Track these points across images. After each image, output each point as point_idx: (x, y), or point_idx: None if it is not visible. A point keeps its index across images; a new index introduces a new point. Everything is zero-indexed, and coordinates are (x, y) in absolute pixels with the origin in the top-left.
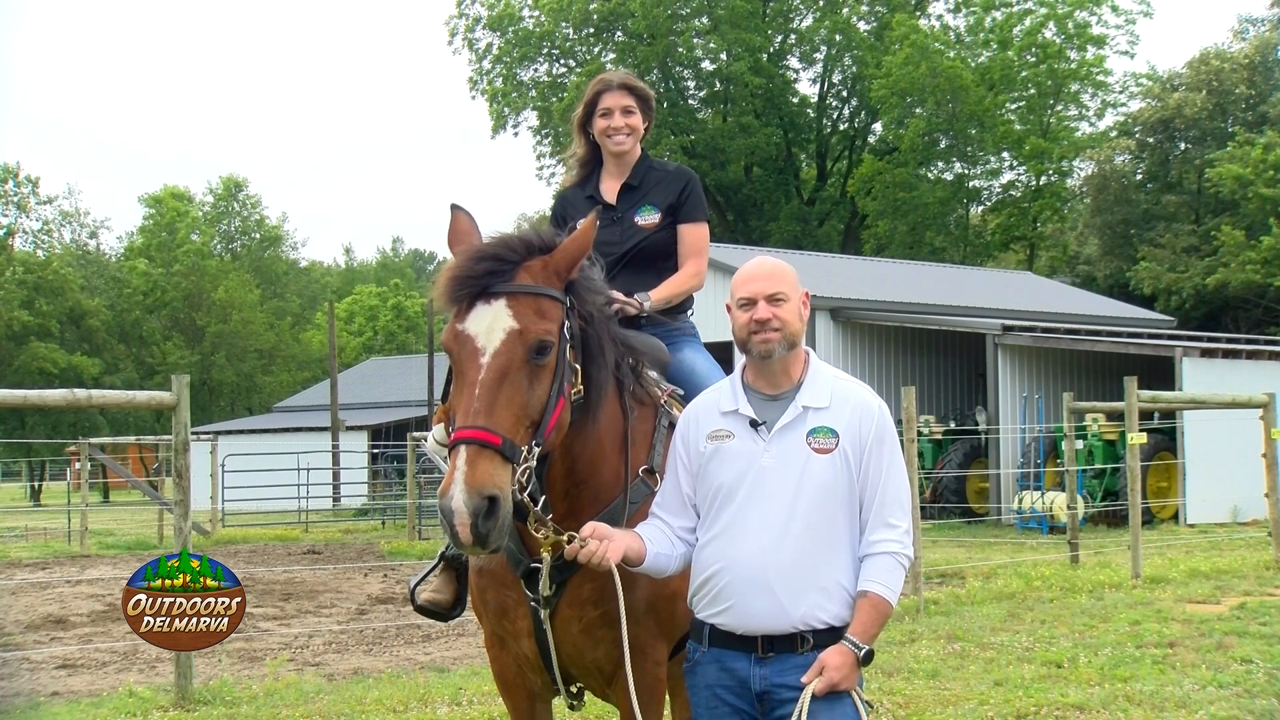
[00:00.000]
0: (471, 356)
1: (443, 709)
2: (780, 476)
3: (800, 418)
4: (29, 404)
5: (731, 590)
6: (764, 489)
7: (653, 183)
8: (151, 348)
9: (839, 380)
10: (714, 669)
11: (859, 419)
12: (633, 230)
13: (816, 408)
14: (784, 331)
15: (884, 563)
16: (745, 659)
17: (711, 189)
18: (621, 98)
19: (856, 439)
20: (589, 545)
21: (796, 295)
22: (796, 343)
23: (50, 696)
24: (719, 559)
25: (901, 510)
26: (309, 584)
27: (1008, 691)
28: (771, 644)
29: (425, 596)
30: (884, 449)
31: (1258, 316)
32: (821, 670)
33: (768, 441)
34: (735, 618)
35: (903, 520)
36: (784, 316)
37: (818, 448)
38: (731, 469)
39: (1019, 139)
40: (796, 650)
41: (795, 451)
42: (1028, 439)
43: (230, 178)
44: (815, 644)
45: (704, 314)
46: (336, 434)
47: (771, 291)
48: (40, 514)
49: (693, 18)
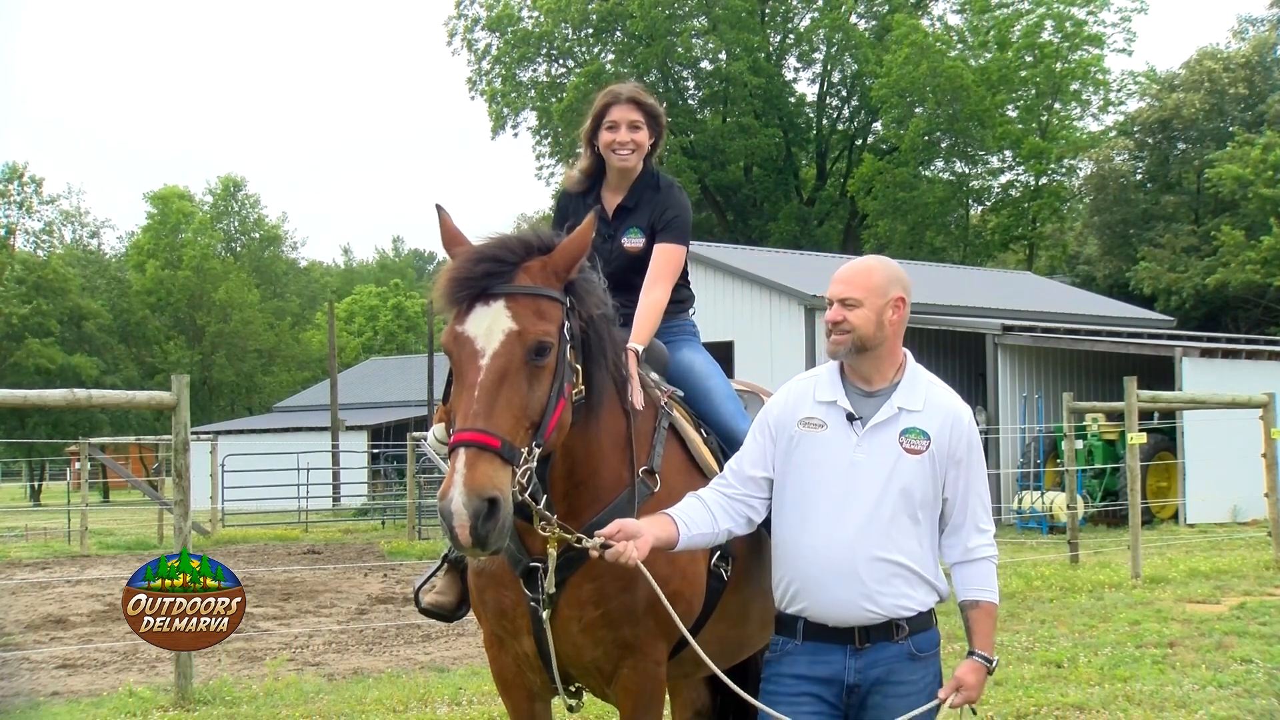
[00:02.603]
0: (471, 358)
1: (443, 709)
2: (871, 472)
3: (895, 417)
4: (29, 404)
5: (820, 582)
6: (854, 483)
7: (645, 203)
8: (153, 347)
9: (933, 386)
10: (805, 660)
11: (950, 425)
12: (620, 253)
13: (911, 410)
14: (852, 335)
15: (984, 568)
16: (840, 651)
17: (711, 189)
18: (629, 112)
19: (946, 444)
20: (615, 547)
21: (876, 300)
22: (868, 347)
23: (50, 696)
24: (799, 550)
25: (988, 515)
26: (309, 584)
27: (1008, 691)
28: (868, 634)
29: (429, 598)
30: (973, 457)
31: (1258, 316)
32: (959, 688)
33: (861, 437)
34: (825, 609)
35: (990, 525)
36: (853, 321)
37: (909, 448)
38: (822, 459)
39: (1018, 139)
40: (893, 639)
41: (887, 449)
42: (1028, 439)
43: (229, 177)
44: (911, 630)
45: (703, 314)
46: (336, 434)
47: (844, 295)
48: (40, 514)
49: (691, 18)
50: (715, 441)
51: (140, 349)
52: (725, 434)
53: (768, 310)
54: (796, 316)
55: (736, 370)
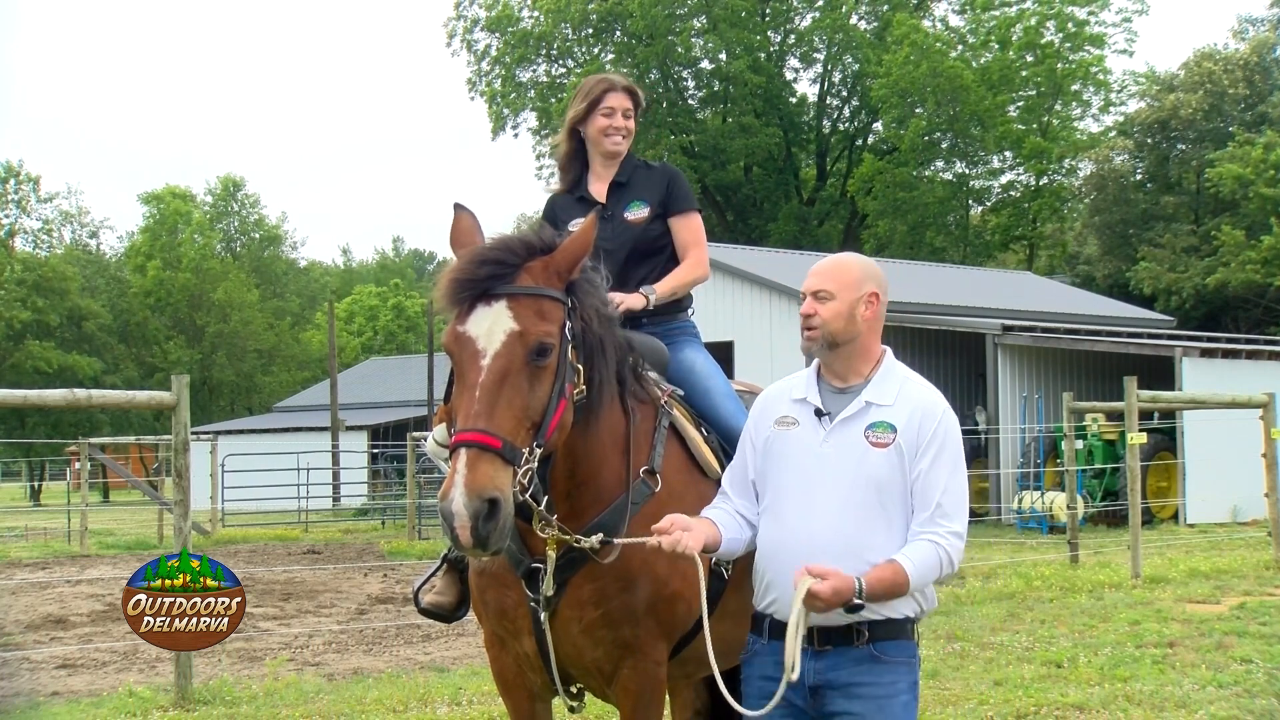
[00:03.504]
0: (472, 358)
1: (443, 709)
2: (836, 467)
3: (862, 411)
4: (29, 404)
5: (781, 578)
6: (819, 478)
7: (640, 179)
8: (153, 347)
9: (909, 382)
10: (770, 661)
11: (920, 418)
12: (623, 226)
13: (880, 404)
14: (821, 330)
15: (921, 545)
16: (802, 652)
17: (711, 189)
18: (624, 99)
19: (914, 437)
20: (673, 535)
21: (848, 295)
22: (839, 342)
23: (50, 696)
24: (770, 545)
25: (958, 514)
26: (309, 584)
27: (1007, 691)
28: (828, 636)
29: (429, 599)
30: (942, 451)
31: (1258, 316)
32: (822, 580)
33: (828, 432)
34: (787, 606)
35: (956, 523)
36: (824, 315)
37: (875, 441)
38: (791, 456)
39: (1018, 139)
40: (852, 643)
41: (853, 443)
42: (1028, 439)
43: (228, 177)
44: (871, 637)
45: (703, 314)
46: (336, 434)
47: (816, 287)
48: (40, 514)
49: (691, 17)
50: (716, 440)
51: (140, 349)
52: (725, 433)
53: (768, 310)
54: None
55: (736, 370)
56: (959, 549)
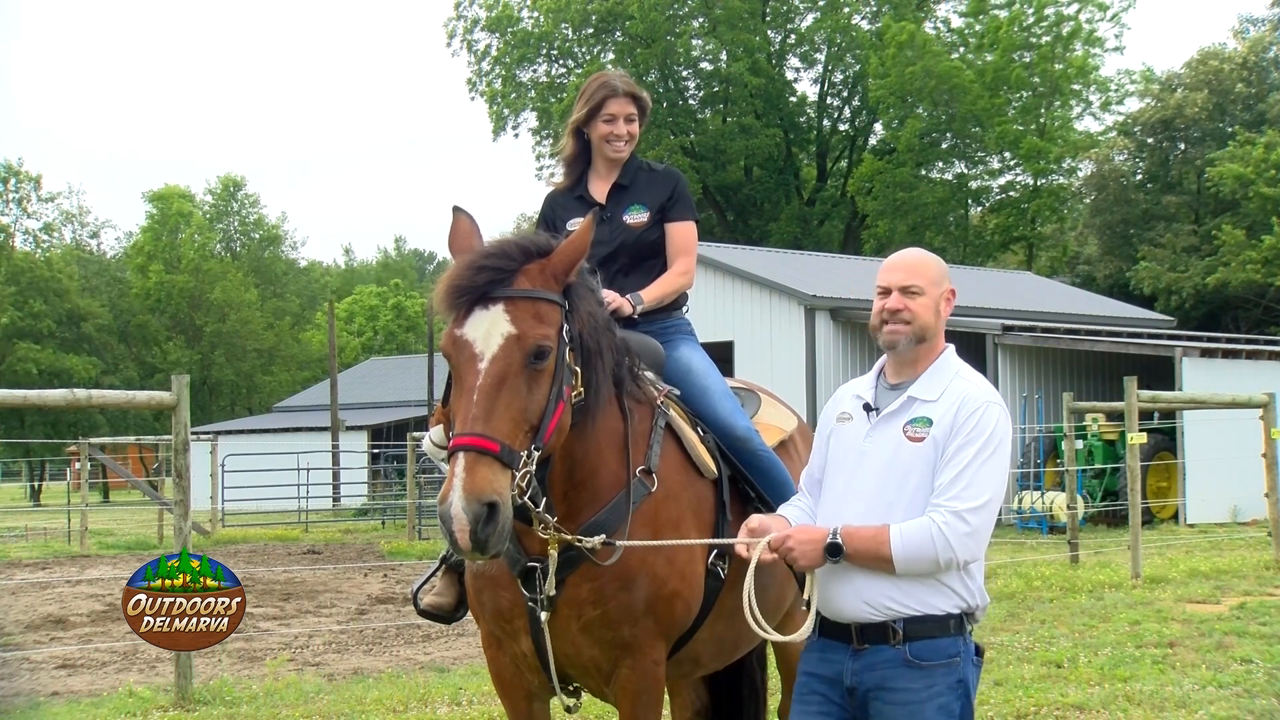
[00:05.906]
0: (470, 362)
1: (443, 709)
2: (872, 461)
3: (905, 406)
4: (29, 404)
5: (824, 573)
6: (857, 471)
7: (642, 183)
8: (152, 347)
9: (960, 379)
10: (816, 658)
11: (955, 410)
12: (622, 229)
13: (925, 399)
14: (914, 324)
15: (917, 520)
16: (843, 651)
17: (711, 189)
18: (626, 105)
19: (948, 428)
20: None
21: (936, 290)
22: (926, 337)
23: (50, 696)
24: None
25: (967, 496)
26: (309, 584)
27: (1008, 691)
28: (864, 634)
29: (428, 600)
30: (973, 439)
31: (1258, 316)
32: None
33: (872, 426)
34: (827, 602)
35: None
36: (914, 309)
37: (911, 436)
38: (841, 450)
39: (1016, 139)
40: (889, 642)
41: (891, 438)
42: (1028, 439)
43: (228, 177)
44: (907, 636)
45: (703, 314)
46: (336, 434)
47: (907, 283)
48: (40, 514)
49: (691, 18)
50: (712, 439)
51: (140, 349)
52: (722, 431)
53: (768, 310)
54: (796, 316)
55: (736, 370)
56: (959, 532)
